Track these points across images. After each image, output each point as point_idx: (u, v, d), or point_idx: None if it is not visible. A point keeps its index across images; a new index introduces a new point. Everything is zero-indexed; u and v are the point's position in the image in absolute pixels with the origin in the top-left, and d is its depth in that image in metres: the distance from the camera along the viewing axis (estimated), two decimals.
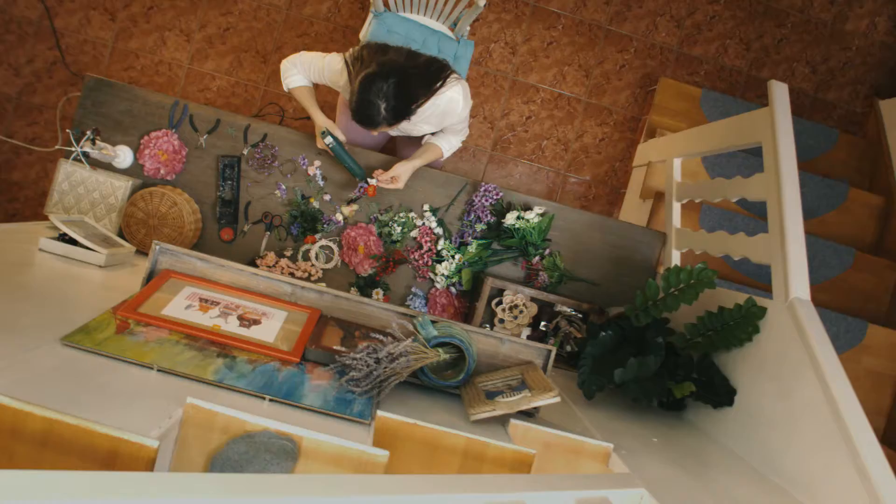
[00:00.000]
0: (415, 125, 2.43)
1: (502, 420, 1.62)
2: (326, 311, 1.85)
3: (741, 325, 2.06)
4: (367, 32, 3.09)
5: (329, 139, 2.42)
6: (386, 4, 3.02)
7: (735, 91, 4.41)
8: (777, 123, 2.22)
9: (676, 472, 1.62)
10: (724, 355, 2.16)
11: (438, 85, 2.22)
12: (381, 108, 2.05)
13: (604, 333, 2.14)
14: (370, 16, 3.08)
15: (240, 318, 1.68)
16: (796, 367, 1.81)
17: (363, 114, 2.08)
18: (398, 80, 2.04)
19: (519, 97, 4.29)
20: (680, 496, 1.46)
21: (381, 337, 1.64)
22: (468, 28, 3.13)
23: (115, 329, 1.47)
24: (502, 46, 4.26)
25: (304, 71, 2.43)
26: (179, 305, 1.66)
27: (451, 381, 1.70)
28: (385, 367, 1.53)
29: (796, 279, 1.96)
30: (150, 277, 1.77)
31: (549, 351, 1.82)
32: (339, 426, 1.35)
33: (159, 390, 1.27)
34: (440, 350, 1.67)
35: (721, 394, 2.06)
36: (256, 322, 1.68)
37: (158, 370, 1.36)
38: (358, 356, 1.54)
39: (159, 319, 1.57)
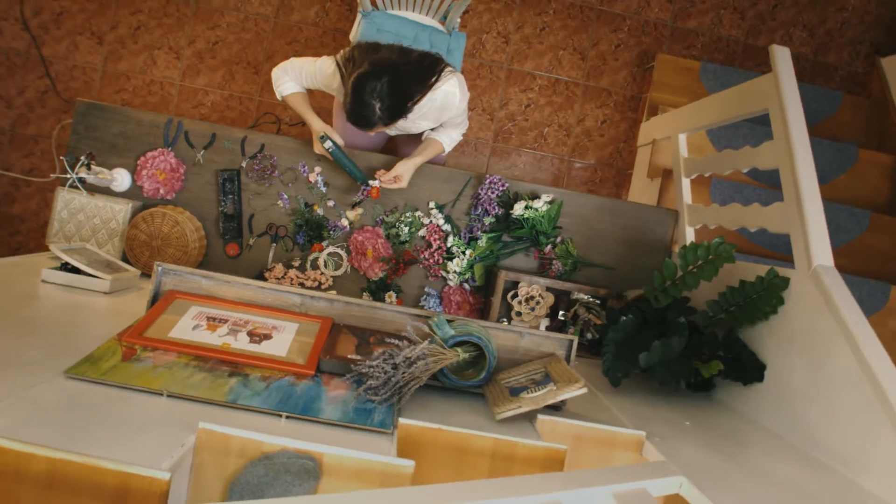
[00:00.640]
0: (413, 122, 2.38)
1: (529, 416, 1.57)
2: (338, 319, 1.80)
3: (765, 298, 2.00)
4: (356, 33, 3.04)
5: (328, 143, 2.37)
6: (374, 3, 2.97)
7: (734, 61, 4.35)
8: (783, 88, 2.16)
9: (713, 455, 1.57)
10: (749, 330, 2.10)
11: (434, 80, 2.17)
12: (376, 107, 2.00)
13: (624, 318, 2.09)
14: (358, 16, 3.03)
15: (250, 334, 1.63)
16: (827, 337, 1.75)
17: (358, 115, 2.04)
18: (391, 79, 2.00)
19: (516, 86, 4.24)
20: (720, 480, 1.40)
21: (396, 341, 1.58)
22: (458, 20, 3.08)
23: (122, 356, 1.43)
24: (495, 36, 4.21)
25: (295, 77, 2.39)
26: (187, 326, 1.61)
27: (472, 380, 1.64)
28: (403, 373, 1.48)
29: (818, 246, 1.90)
30: (154, 300, 1.72)
31: (571, 341, 1.77)
32: (361, 438, 1.29)
33: (170, 417, 1.22)
34: (459, 350, 1.62)
35: (750, 370, 2.00)
36: (267, 337, 1.64)
37: (168, 396, 1.31)
38: (374, 363, 1.49)
39: (166, 342, 1.52)
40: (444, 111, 2.35)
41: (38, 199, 3.99)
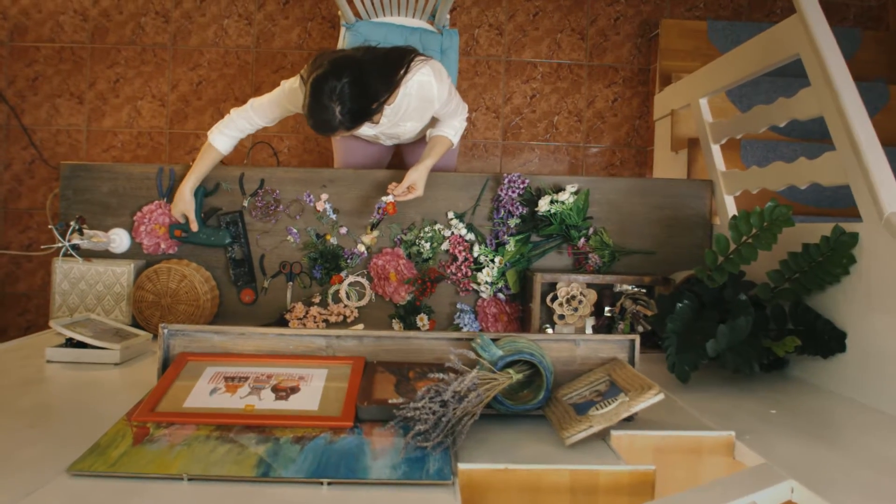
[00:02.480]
0: (397, 126, 2.26)
1: (602, 434, 1.38)
2: (371, 357, 1.61)
3: (833, 259, 1.81)
4: (343, 47, 2.89)
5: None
6: (356, 13, 2.82)
7: (741, 16, 4.17)
8: (812, 26, 2.00)
9: (812, 444, 1.37)
10: (819, 297, 1.90)
11: (402, 73, 2.00)
12: (336, 111, 1.83)
13: (680, 304, 1.90)
14: (343, 30, 2.89)
15: (274, 389, 1.45)
16: None
17: (317, 119, 1.87)
18: (353, 79, 1.83)
19: (518, 78, 4.07)
20: (831, 475, 1.20)
21: (441, 375, 1.39)
22: (448, 17, 2.92)
23: (132, 440, 1.25)
24: (487, 29, 4.04)
25: (250, 117, 2.23)
26: (203, 391, 1.43)
27: (530, 402, 1.45)
28: (454, 409, 1.29)
29: (887, 192, 1.71)
30: (164, 367, 1.55)
31: (633, 341, 1.57)
32: (418, 496, 1.10)
33: None
34: (511, 371, 1.43)
35: (828, 341, 1.81)
36: (294, 390, 1.45)
37: (189, 479, 1.12)
38: (420, 404, 1.29)
39: (182, 415, 1.34)
40: (426, 104, 2.20)
41: (41, 273, 3.86)
